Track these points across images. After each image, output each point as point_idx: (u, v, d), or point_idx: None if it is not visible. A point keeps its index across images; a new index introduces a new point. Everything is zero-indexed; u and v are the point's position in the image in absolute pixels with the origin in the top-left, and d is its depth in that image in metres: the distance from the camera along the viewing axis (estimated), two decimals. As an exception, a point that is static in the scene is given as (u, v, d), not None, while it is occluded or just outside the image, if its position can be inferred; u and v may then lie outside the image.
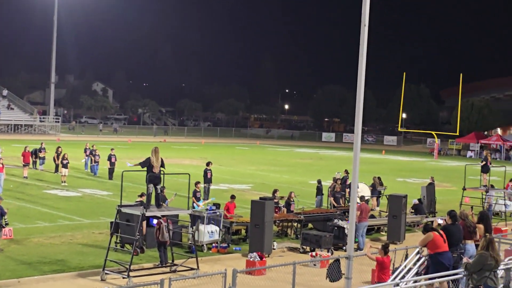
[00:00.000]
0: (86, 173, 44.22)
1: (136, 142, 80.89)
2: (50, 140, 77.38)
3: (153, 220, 21.21)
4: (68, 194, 34.56)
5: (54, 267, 19.63)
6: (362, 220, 24.77)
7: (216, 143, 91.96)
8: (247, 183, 43.67)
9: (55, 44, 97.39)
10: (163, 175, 20.11)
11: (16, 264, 19.72)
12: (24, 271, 18.99)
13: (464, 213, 18.28)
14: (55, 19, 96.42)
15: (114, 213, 20.61)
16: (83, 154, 45.59)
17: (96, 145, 45.78)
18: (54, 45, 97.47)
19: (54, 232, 24.50)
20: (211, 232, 22.97)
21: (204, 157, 55.58)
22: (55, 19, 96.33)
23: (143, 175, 20.13)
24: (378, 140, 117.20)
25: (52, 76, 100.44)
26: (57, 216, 27.90)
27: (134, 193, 26.95)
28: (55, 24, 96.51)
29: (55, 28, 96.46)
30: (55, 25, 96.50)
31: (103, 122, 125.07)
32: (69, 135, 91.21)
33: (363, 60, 16.37)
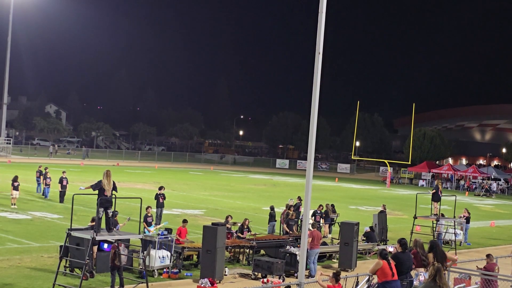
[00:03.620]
0: (37, 196, 43.66)
1: (88, 165, 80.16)
2: (1, 162, 76.32)
3: (104, 244, 20.98)
4: (18, 217, 34.01)
5: (0, 291, 19.30)
6: (314, 247, 24.80)
7: (170, 168, 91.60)
8: (200, 208, 43.50)
9: (8, 64, 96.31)
10: (115, 198, 19.93)
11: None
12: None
13: (419, 242, 18.40)
14: (8, 39, 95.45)
15: (64, 237, 20.31)
16: (35, 176, 45.23)
17: (48, 167, 45.17)
18: (7, 65, 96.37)
19: (2, 256, 24.06)
20: (162, 257, 22.78)
21: (157, 182, 55.32)
22: (9, 40, 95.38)
23: (95, 198, 19.93)
24: (332, 168, 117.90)
25: (5, 97, 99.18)
26: (6, 239, 27.43)
27: (85, 217, 26.68)
28: (8, 45, 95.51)
29: (9, 48, 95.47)
30: (8, 45, 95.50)
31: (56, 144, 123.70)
32: (21, 157, 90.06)
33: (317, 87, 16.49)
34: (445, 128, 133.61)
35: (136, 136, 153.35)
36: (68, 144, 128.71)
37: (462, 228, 36.05)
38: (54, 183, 43.12)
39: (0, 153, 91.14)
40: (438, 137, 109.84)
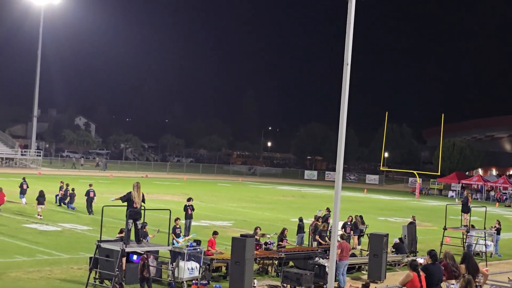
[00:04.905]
0: (66, 207, 43.95)
1: (117, 177, 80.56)
2: (31, 174, 76.94)
3: (133, 256, 21.04)
4: (48, 229, 34.26)
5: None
6: (343, 259, 24.69)
7: (198, 179, 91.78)
8: (228, 219, 43.51)
9: (38, 78, 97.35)
10: (144, 210, 20.00)
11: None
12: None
13: (449, 253, 18.23)
14: (39, 52, 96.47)
15: (93, 248, 20.40)
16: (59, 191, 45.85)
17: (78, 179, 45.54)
18: (38, 78, 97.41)
19: (32, 267, 24.23)
20: (191, 269, 22.79)
21: (185, 193, 55.43)
22: (39, 53, 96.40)
23: (123, 210, 20.00)
24: (360, 179, 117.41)
25: (35, 110, 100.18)
26: (36, 250, 27.63)
27: (114, 228, 26.79)
28: (39, 58, 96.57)
29: (39, 61, 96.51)
30: (39, 58, 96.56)
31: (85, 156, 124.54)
32: (50, 169, 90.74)
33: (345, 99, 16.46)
34: (475, 139, 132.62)
35: (165, 148, 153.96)
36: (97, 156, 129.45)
37: (492, 239, 35.68)
38: (81, 194, 43.43)
39: (31, 165, 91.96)
40: (468, 148, 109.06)
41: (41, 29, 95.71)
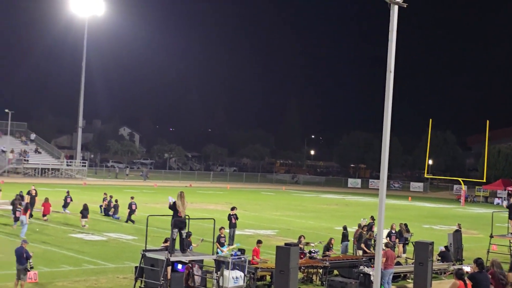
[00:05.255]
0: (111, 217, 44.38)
1: (162, 187, 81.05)
2: (76, 184, 77.87)
3: (178, 265, 21.12)
4: (93, 238, 34.62)
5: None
6: (388, 267, 24.52)
7: (242, 188, 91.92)
8: (272, 228, 43.50)
9: (83, 89, 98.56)
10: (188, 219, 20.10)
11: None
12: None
13: (496, 262, 17.97)
14: (83, 64, 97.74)
15: (138, 258, 20.55)
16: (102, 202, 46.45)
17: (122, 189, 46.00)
18: (82, 90, 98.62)
19: (78, 276, 24.50)
20: (235, 278, 22.82)
21: (229, 202, 55.52)
22: (84, 65, 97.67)
23: (168, 220, 20.13)
24: (404, 187, 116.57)
25: (80, 121, 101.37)
26: (82, 260, 27.92)
27: (159, 238, 26.96)
28: (83, 69, 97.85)
29: (83, 73, 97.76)
30: (83, 70, 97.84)
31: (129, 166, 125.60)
32: (95, 179, 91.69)
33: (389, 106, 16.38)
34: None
35: (208, 157, 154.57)
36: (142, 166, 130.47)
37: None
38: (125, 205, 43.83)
39: (76, 175, 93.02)
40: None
41: (86, 40, 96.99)
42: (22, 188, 43.30)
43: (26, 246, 21.63)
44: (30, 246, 22.92)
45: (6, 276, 23.16)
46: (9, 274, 22.78)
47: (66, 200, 45.57)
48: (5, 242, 31.23)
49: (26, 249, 21.49)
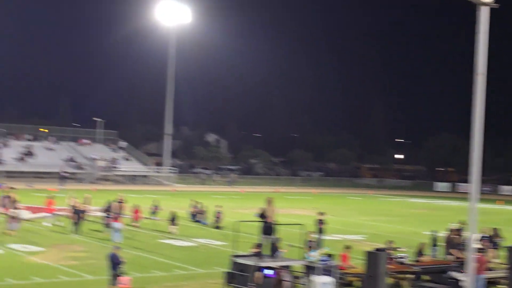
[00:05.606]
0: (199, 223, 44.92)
1: (249, 193, 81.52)
2: (165, 190, 79.13)
3: (267, 271, 21.24)
4: (183, 244, 35.10)
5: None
6: (479, 273, 24.06)
7: (328, 193, 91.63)
8: (360, 233, 43.24)
9: (170, 97, 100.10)
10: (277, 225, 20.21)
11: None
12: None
13: None
14: (170, 72, 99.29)
15: (227, 263, 20.74)
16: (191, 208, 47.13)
17: (210, 195, 46.56)
18: (169, 97, 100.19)
19: (169, 282, 24.88)
20: (324, 283, 22.78)
21: (316, 207, 55.44)
22: (170, 73, 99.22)
23: (256, 225, 20.28)
24: (495, 190, 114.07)
25: (168, 128, 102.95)
26: (173, 265, 28.34)
27: (247, 244, 27.11)
28: (170, 76, 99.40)
29: (170, 80, 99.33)
30: (170, 77, 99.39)
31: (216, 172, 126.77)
32: (183, 186, 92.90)
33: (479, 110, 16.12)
34: None
35: (294, 162, 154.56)
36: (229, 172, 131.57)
37: None
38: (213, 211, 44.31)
39: (164, 182, 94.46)
40: None
41: (172, 48, 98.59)
42: (112, 195, 44.24)
43: (118, 252, 22.13)
44: (122, 252, 23.40)
45: (99, 281, 23.73)
46: (102, 280, 23.33)
47: (154, 208, 46.47)
48: (98, 248, 31.99)
49: (118, 255, 21.98)
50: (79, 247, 32.10)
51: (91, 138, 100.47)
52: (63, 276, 25.02)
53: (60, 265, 27.07)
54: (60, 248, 31.35)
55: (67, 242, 33.67)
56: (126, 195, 44.67)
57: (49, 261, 27.95)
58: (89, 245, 33.12)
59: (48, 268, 26.40)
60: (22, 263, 27.35)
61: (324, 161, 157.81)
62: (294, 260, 22.47)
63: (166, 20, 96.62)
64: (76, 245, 32.73)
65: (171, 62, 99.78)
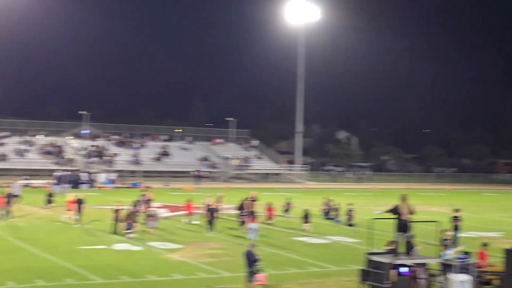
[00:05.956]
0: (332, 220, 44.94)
1: (380, 189, 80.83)
2: (297, 188, 79.57)
3: (402, 268, 21.06)
4: (316, 241, 35.24)
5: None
6: None
7: (463, 190, 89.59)
8: (497, 230, 42.09)
9: (300, 95, 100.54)
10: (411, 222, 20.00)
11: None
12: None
13: None
14: (300, 69, 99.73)
15: (361, 261, 20.70)
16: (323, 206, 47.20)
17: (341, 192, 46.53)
18: (299, 96, 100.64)
19: (304, 279, 25.06)
20: (462, 282, 22.35)
21: (450, 204, 54.36)
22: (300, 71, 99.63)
23: (390, 222, 20.14)
24: None
25: (298, 126, 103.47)
26: (307, 263, 28.52)
27: (381, 241, 26.95)
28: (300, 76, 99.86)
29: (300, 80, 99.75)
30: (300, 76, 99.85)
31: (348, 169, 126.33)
32: (315, 183, 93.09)
33: None
34: None
35: (426, 159, 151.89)
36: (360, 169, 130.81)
37: None
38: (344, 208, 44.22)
39: (297, 180, 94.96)
40: None
41: (302, 47, 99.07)
42: (245, 193, 44.94)
43: (254, 250, 22.49)
44: (257, 249, 23.73)
45: (236, 278, 24.18)
46: (239, 277, 23.78)
47: (287, 206, 46.90)
48: (233, 246, 32.59)
49: (254, 252, 22.35)
50: (215, 244, 32.79)
51: (224, 137, 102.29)
52: (201, 273, 25.67)
53: (198, 262, 27.76)
54: (197, 246, 32.14)
55: (203, 239, 34.45)
56: (258, 193, 45.26)
57: (187, 258, 28.72)
58: (224, 242, 33.78)
59: (186, 265, 27.14)
60: (162, 260, 28.22)
61: (457, 157, 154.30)
62: (429, 257, 22.15)
63: (295, 19, 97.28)
64: (212, 242, 33.45)
65: (300, 61, 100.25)
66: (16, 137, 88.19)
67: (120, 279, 24.02)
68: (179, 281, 24.23)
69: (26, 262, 26.87)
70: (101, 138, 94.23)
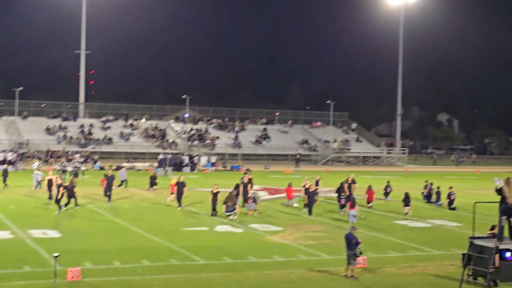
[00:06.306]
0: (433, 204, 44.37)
1: (483, 173, 79.16)
2: (397, 171, 78.77)
3: (507, 253, 20.67)
4: (417, 225, 34.92)
5: (407, 296, 19.98)
6: None
7: None
8: None
9: (400, 77, 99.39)
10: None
11: (371, 292, 20.38)
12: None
13: None
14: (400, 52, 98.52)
15: (464, 245, 20.43)
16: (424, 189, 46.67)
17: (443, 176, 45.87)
18: (400, 78, 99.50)
19: (405, 262, 24.92)
20: None
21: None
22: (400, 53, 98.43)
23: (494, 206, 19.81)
24: None
25: (398, 108, 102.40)
26: (408, 246, 28.33)
27: (484, 225, 26.55)
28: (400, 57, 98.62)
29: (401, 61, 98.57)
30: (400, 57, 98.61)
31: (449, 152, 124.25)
32: (415, 166, 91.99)
33: None
34: None
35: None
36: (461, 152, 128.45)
37: None
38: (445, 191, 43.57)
39: (396, 163, 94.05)
40: None
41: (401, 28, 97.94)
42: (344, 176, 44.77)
43: (354, 233, 22.53)
44: (358, 232, 23.71)
45: (336, 261, 24.28)
46: (339, 259, 23.87)
47: (386, 190, 46.54)
48: (333, 229, 32.67)
49: (355, 235, 22.38)
50: (315, 227, 32.93)
51: (323, 120, 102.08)
52: (302, 255, 25.86)
53: (298, 245, 27.96)
54: (297, 228, 32.35)
55: (303, 222, 34.64)
56: (357, 176, 45.07)
57: (288, 240, 28.96)
58: (324, 225, 33.88)
59: (287, 247, 27.39)
60: (262, 242, 28.55)
61: None
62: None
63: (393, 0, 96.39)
64: (312, 225, 33.60)
65: (400, 42, 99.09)
66: (121, 121, 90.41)
67: (222, 260, 24.47)
68: (280, 263, 24.49)
69: (132, 242, 27.66)
70: (202, 122, 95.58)
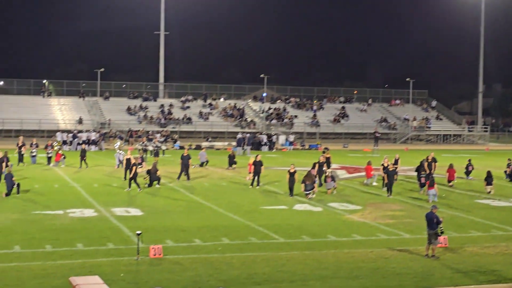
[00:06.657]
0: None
1: None
2: (479, 149, 77.43)
3: None
4: (500, 204, 34.26)
5: (490, 277, 19.60)
6: None
7: None
8: None
9: (482, 53, 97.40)
10: None
11: (452, 272, 20.08)
12: (460, 280, 19.26)
13: None
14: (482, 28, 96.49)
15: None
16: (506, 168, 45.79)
17: None
18: (481, 53, 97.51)
19: (488, 242, 24.48)
20: None
21: None
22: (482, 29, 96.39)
23: None
24: None
25: (480, 86, 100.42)
26: (490, 226, 27.82)
27: None
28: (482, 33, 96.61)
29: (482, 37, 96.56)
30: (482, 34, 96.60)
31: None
32: (497, 145, 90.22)
33: None
34: None
35: None
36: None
37: None
38: None
39: (478, 141, 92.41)
40: None
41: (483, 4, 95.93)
42: (424, 154, 44.15)
43: (436, 212, 22.23)
44: (438, 211, 23.35)
45: (417, 240, 24.08)
46: (420, 239, 23.65)
47: (467, 168, 45.70)
48: (413, 207, 32.35)
49: (437, 215, 22.08)
50: (395, 206, 32.64)
51: (402, 98, 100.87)
52: (381, 234, 25.68)
53: (378, 223, 27.77)
54: (376, 207, 32.14)
55: (382, 201, 34.39)
56: (438, 155, 44.42)
57: (367, 219, 28.80)
58: (403, 204, 33.54)
59: (366, 226, 27.24)
60: (341, 221, 28.46)
61: None
62: None
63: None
64: (391, 204, 33.32)
65: (482, 18, 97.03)
66: (199, 100, 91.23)
67: (301, 239, 24.50)
68: (360, 241, 24.37)
69: (211, 221, 27.93)
70: (280, 101, 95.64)
